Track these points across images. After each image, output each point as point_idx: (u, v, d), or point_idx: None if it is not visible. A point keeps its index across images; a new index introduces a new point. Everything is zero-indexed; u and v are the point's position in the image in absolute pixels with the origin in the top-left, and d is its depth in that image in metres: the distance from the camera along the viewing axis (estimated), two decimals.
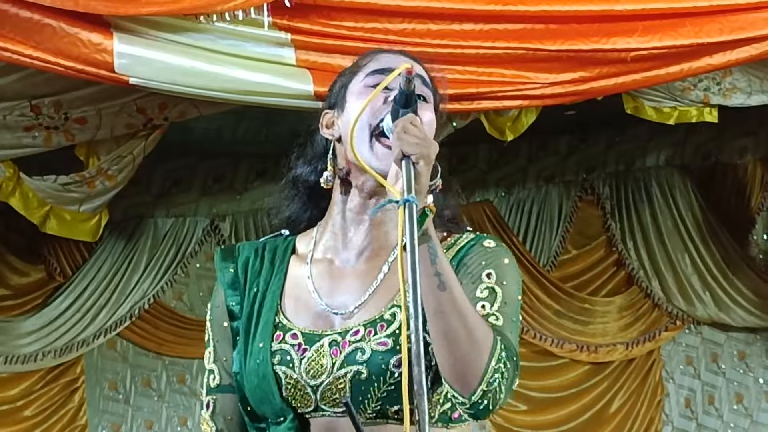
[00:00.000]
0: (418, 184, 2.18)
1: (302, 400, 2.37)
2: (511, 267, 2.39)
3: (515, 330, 2.32)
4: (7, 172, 6.24)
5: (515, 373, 2.24)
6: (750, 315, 8.14)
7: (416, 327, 2.10)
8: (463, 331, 2.20)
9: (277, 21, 4.82)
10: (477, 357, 2.19)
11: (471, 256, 2.38)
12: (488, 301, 2.31)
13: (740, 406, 8.24)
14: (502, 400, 2.22)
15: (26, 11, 4.57)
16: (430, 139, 2.25)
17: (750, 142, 8.17)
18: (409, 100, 2.27)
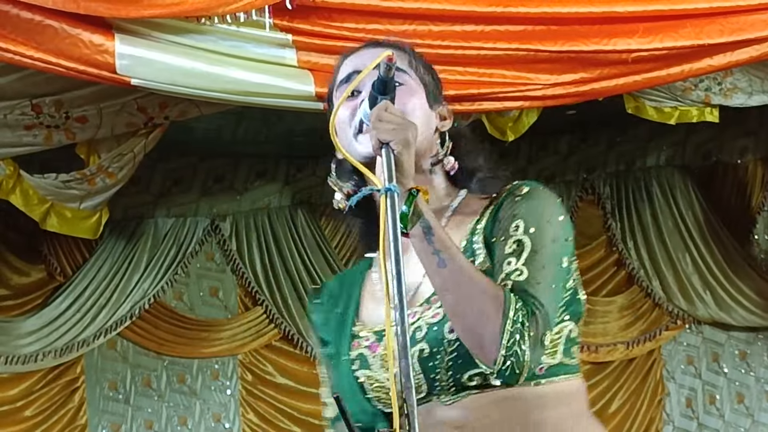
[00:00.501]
0: (400, 169, 2.19)
1: (387, 398, 2.38)
2: (542, 207, 2.33)
3: (548, 276, 2.25)
4: (8, 170, 6.24)
5: (541, 326, 2.19)
6: (751, 314, 8.15)
7: (402, 319, 2.09)
8: (468, 303, 2.19)
9: (278, 22, 4.82)
10: (487, 325, 2.18)
11: (503, 210, 2.35)
12: (515, 256, 2.26)
13: (741, 406, 8.25)
14: (530, 358, 2.18)
15: (27, 12, 4.57)
16: (408, 122, 2.25)
17: (750, 142, 8.17)
18: (387, 86, 2.27)
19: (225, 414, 7.85)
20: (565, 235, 2.32)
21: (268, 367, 7.88)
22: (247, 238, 7.86)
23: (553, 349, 2.31)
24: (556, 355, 2.32)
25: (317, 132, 7.78)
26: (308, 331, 7.82)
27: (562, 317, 2.32)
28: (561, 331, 2.32)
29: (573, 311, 2.35)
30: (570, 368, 2.34)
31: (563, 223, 2.33)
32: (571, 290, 2.34)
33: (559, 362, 2.32)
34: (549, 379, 2.30)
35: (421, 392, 2.33)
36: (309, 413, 7.83)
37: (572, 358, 2.35)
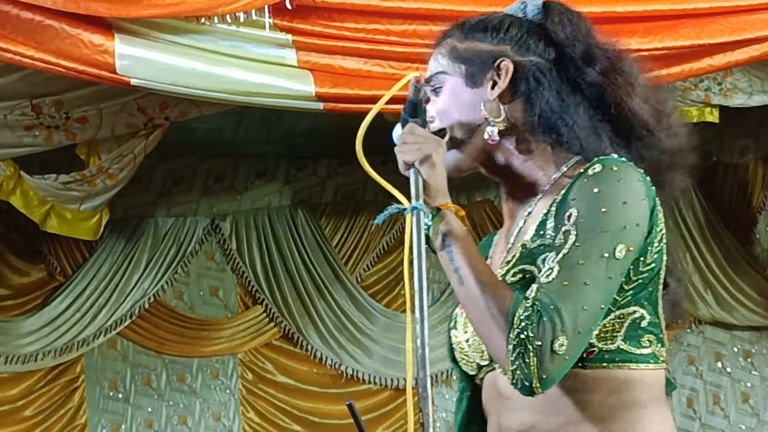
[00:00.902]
0: (426, 188, 2.23)
1: (466, 361, 2.41)
2: (603, 193, 2.20)
3: (583, 274, 2.16)
4: (8, 171, 6.24)
5: (549, 332, 2.12)
6: (753, 314, 8.14)
7: (422, 331, 2.14)
8: (482, 320, 2.19)
9: (278, 22, 4.82)
10: (496, 341, 2.17)
11: (572, 191, 2.25)
12: (557, 250, 2.19)
13: (746, 406, 8.25)
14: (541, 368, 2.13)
15: (28, 12, 4.58)
16: (432, 141, 2.27)
17: (751, 142, 8.17)
18: (417, 108, 2.30)
19: (225, 413, 7.85)
20: (625, 221, 2.19)
21: (268, 365, 7.88)
22: (247, 237, 7.86)
23: (609, 334, 2.25)
24: (614, 341, 2.25)
25: (317, 132, 7.83)
26: (308, 330, 7.83)
27: (624, 302, 2.25)
28: (623, 317, 2.25)
29: (644, 298, 2.27)
30: (633, 356, 2.26)
31: (627, 208, 2.20)
32: (643, 276, 2.25)
33: (617, 348, 2.25)
34: (598, 363, 2.25)
35: (485, 359, 2.35)
36: (309, 411, 7.83)
37: (641, 346, 2.27)
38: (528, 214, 2.36)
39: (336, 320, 7.91)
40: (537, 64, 2.35)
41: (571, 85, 2.35)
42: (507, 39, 2.39)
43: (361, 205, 7.98)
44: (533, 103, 2.34)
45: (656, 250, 2.26)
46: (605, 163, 2.23)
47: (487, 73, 2.37)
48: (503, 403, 2.32)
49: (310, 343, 7.84)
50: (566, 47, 2.37)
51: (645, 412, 2.26)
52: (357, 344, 7.91)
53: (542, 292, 2.16)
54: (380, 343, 7.94)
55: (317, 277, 7.89)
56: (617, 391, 2.25)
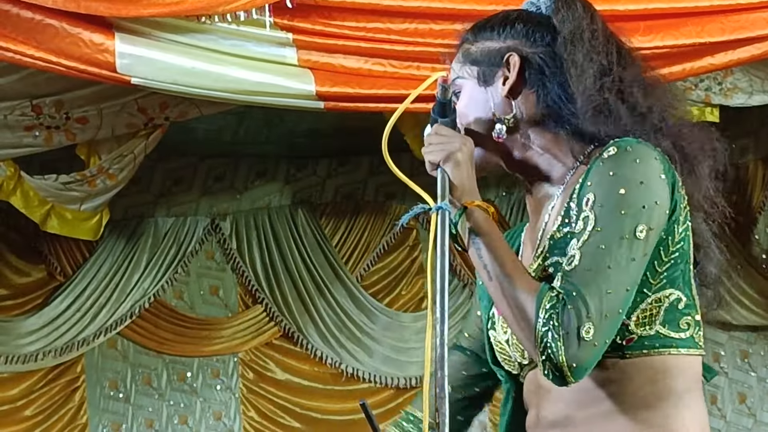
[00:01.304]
0: (452, 187, 2.25)
1: (508, 360, 2.42)
2: (620, 175, 2.20)
3: (606, 258, 2.16)
4: (8, 171, 6.24)
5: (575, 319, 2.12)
6: (752, 314, 8.14)
7: (441, 331, 2.14)
8: (512, 314, 2.20)
9: (278, 21, 4.82)
10: (526, 333, 2.18)
11: (590, 175, 2.25)
12: (578, 237, 2.20)
13: (743, 406, 8.24)
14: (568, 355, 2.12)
15: (28, 12, 4.57)
16: (456, 140, 2.29)
17: (751, 142, 8.17)
18: (445, 108, 2.33)
19: (226, 412, 7.85)
20: (643, 201, 2.18)
21: (269, 364, 7.88)
22: (247, 237, 7.86)
23: (647, 320, 2.24)
24: (653, 326, 2.24)
25: (317, 132, 7.81)
26: (308, 329, 7.83)
27: (660, 285, 2.24)
28: (661, 300, 2.24)
29: (678, 278, 2.26)
30: (673, 341, 2.25)
31: (644, 188, 2.19)
32: (674, 257, 2.25)
33: (656, 333, 2.24)
34: (637, 351, 2.24)
35: (525, 358, 2.36)
36: (310, 410, 7.84)
37: (680, 330, 2.26)
38: (552, 208, 2.36)
39: (336, 319, 7.91)
40: (543, 56, 2.36)
41: (578, 72, 2.34)
42: (513, 34, 2.40)
43: (361, 205, 7.98)
44: (541, 94, 2.36)
45: (682, 228, 2.26)
46: (620, 144, 2.24)
47: (498, 71, 2.39)
48: (542, 395, 2.33)
49: (311, 342, 7.84)
50: (573, 35, 2.37)
51: (680, 402, 2.25)
52: (357, 343, 7.91)
53: (566, 280, 2.17)
54: (381, 342, 7.94)
55: (317, 276, 7.89)
56: (654, 381, 2.24)
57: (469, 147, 2.30)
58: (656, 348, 2.25)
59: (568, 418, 2.28)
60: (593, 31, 2.38)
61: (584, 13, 2.41)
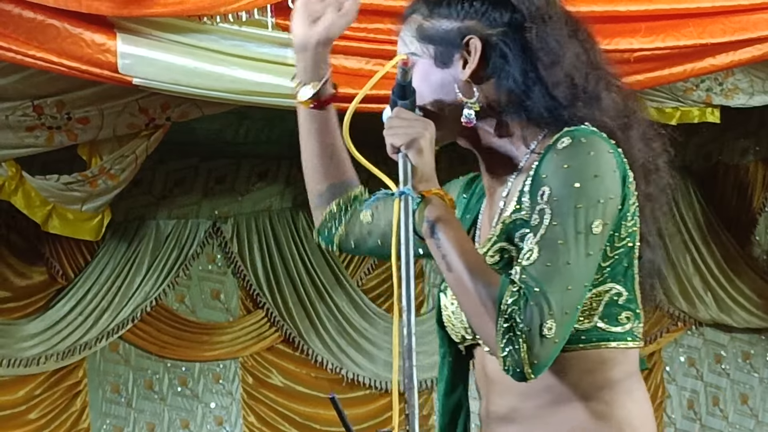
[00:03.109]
0: (414, 172, 2.21)
1: (452, 329, 2.39)
2: (574, 168, 2.18)
3: (564, 252, 2.14)
4: (10, 171, 6.25)
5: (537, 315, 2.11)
6: (752, 316, 8.15)
7: (408, 320, 2.13)
8: (470, 305, 2.18)
9: (280, 21, 4.82)
10: (486, 327, 2.16)
11: (542, 166, 2.21)
12: (534, 231, 2.17)
13: (745, 407, 8.25)
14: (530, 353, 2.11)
15: (29, 12, 4.57)
16: (419, 124, 2.25)
17: (751, 143, 8.18)
18: (405, 90, 2.28)
19: (227, 417, 7.85)
20: (598, 196, 2.16)
21: (270, 370, 7.88)
22: (248, 240, 7.86)
23: (587, 313, 2.23)
24: (592, 319, 2.24)
25: None
26: (309, 333, 7.83)
27: (601, 279, 2.23)
28: (600, 295, 2.24)
29: (620, 274, 2.25)
30: (611, 335, 2.25)
31: (598, 181, 2.17)
32: (619, 252, 2.24)
33: (593, 327, 2.24)
34: (574, 345, 2.22)
35: (470, 334, 2.33)
36: (310, 417, 7.83)
37: (618, 324, 2.25)
38: (506, 194, 2.34)
39: (337, 324, 7.91)
40: (503, 38, 2.31)
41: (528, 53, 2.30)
42: (472, 13, 2.34)
43: None
44: (503, 78, 2.31)
45: (630, 223, 2.25)
46: (574, 135, 2.21)
47: (456, 53, 2.33)
48: (490, 386, 2.33)
49: (311, 347, 7.84)
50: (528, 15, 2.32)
51: (619, 389, 2.25)
52: (358, 348, 7.91)
53: (525, 274, 2.14)
54: (381, 347, 7.94)
55: (318, 280, 7.90)
56: (592, 372, 2.24)
57: (431, 132, 2.26)
58: (593, 342, 2.25)
59: (516, 411, 2.28)
60: (556, 13, 2.34)
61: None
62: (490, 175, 2.38)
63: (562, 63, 2.29)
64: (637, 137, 2.33)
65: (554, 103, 2.28)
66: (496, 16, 2.32)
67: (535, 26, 2.30)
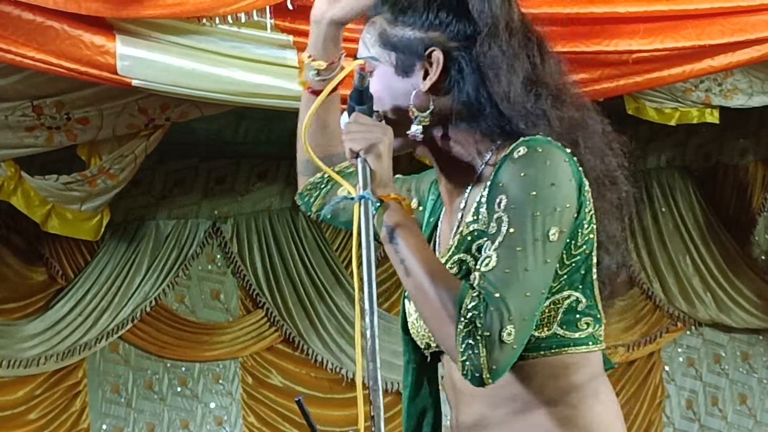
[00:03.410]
0: (373, 177, 2.22)
1: (416, 335, 2.41)
2: (531, 177, 2.19)
3: (522, 259, 2.15)
4: (9, 171, 6.25)
5: (497, 321, 2.11)
6: (751, 316, 8.15)
7: (371, 322, 2.16)
8: (429, 310, 2.19)
9: (279, 23, 4.82)
10: (444, 331, 2.16)
11: (499, 175, 2.23)
12: (491, 239, 2.18)
13: (744, 407, 8.25)
14: (489, 358, 2.12)
15: (29, 13, 4.58)
16: (377, 130, 2.25)
17: (751, 143, 8.18)
18: (363, 96, 2.29)
19: (226, 417, 7.85)
20: (555, 204, 2.18)
21: (270, 370, 7.88)
22: (248, 240, 7.86)
23: (545, 321, 2.25)
24: (551, 326, 2.25)
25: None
26: (309, 333, 7.83)
27: (558, 287, 2.25)
28: (559, 302, 2.26)
29: (578, 281, 2.27)
30: (570, 341, 2.27)
31: (555, 190, 2.19)
32: (576, 260, 2.25)
33: (552, 334, 2.25)
34: (534, 352, 2.25)
35: (434, 341, 2.34)
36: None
37: (577, 330, 2.27)
38: (463, 204, 2.35)
39: (337, 324, 7.91)
40: (463, 51, 2.31)
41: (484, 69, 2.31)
42: (436, 24, 2.34)
43: None
44: (458, 92, 2.32)
45: (587, 231, 2.26)
46: (530, 144, 2.22)
47: (418, 63, 2.33)
48: (458, 396, 2.34)
49: (311, 347, 7.84)
50: (491, 31, 2.31)
51: (585, 392, 2.27)
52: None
53: (485, 280, 2.15)
54: (380, 347, 7.89)
55: (318, 280, 7.90)
56: (555, 377, 2.26)
57: (390, 137, 2.26)
58: (553, 349, 2.26)
59: (485, 419, 2.29)
60: (511, 28, 2.33)
61: (501, 4, 2.34)
62: (447, 185, 2.40)
63: (509, 80, 2.29)
64: (588, 152, 2.32)
65: (503, 119, 2.29)
66: (460, 28, 2.33)
67: (487, 42, 2.30)
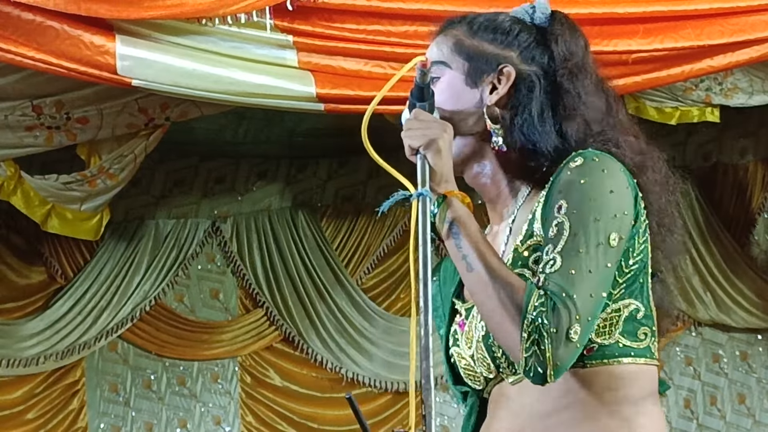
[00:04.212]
0: (431, 174, 2.23)
1: (472, 376, 2.39)
2: (589, 183, 2.22)
3: (586, 261, 2.17)
4: (9, 171, 6.25)
5: (565, 319, 2.13)
6: (751, 316, 8.14)
7: (425, 320, 2.14)
8: (492, 307, 2.19)
9: (279, 23, 4.83)
10: (509, 328, 2.17)
11: (555, 185, 2.26)
12: (553, 243, 2.20)
13: (743, 407, 8.25)
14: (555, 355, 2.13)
15: (29, 14, 4.59)
16: (437, 126, 2.26)
17: (751, 143, 8.16)
18: (424, 93, 2.30)
19: (225, 417, 7.85)
20: (614, 210, 2.21)
21: (268, 369, 7.87)
22: (247, 239, 7.85)
23: (607, 329, 2.26)
24: (613, 334, 2.26)
25: (318, 133, 7.81)
26: (308, 333, 7.83)
27: (619, 295, 2.26)
28: (620, 310, 2.27)
29: (637, 290, 2.29)
30: (630, 350, 2.27)
31: (614, 197, 2.22)
32: (634, 268, 2.28)
33: (615, 342, 2.26)
34: (598, 360, 2.25)
35: (491, 372, 2.34)
36: (308, 417, 7.82)
37: (638, 340, 2.28)
38: (513, 221, 2.36)
39: (336, 323, 7.90)
40: (536, 75, 2.36)
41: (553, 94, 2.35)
42: (515, 45, 2.39)
43: (362, 207, 7.98)
44: (519, 112, 2.34)
45: (642, 240, 2.29)
46: (586, 155, 2.25)
47: (488, 76, 2.37)
48: (502, 405, 2.33)
49: (311, 346, 7.84)
50: (564, 60, 2.37)
51: (637, 409, 2.26)
52: (357, 347, 7.91)
53: (550, 281, 2.16)
54: (381, 347, 7.94)
55: (318, 279, 7.89)
56: (612, 389, 2.25)
57: (450, 134, 2.28)
58: (615, 357, 2.26)
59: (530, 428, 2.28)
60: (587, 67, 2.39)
61: (582, 42, 2.41)
62: (492, 205, 2.41)
63: (584, 110, 2.35)
64: (653, 180, 2.37)
65: (563, 141, 2.32)
66: (535, 55, 2.38)
67: (566, 73, 2.35)
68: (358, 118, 2.39)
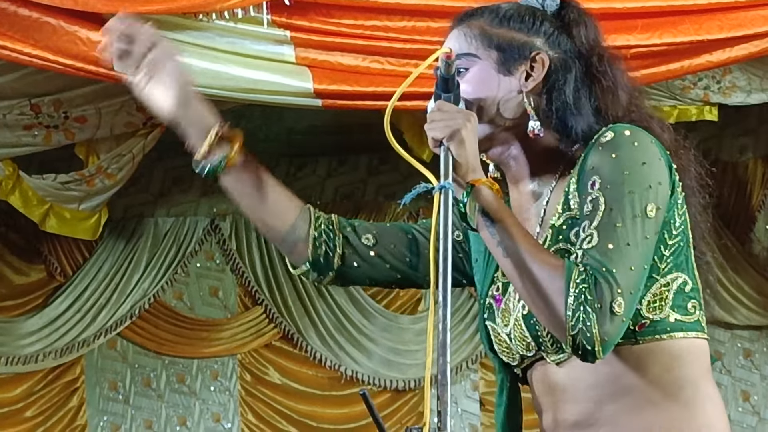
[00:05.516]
0: (456, 165, 2.22)
1: (507, 352, 2.39)
2: (622, 157, 2.24)
3: (624, 235, 2.18)
4: (7, 171, 6.25)
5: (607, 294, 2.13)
6: (753, 313, 8.13)
7: (444, 315, 2.12)
8: (533, 288, 2.18)
9: (276, 19, 4.82)
10: (552, 306, 2.16)
11: (588, 161, 2.28)
12: (589, 218, 2.21)
13: (747, 404, 8.24)
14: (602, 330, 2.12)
15: (25, 9, 4.58)
16: (461, 117, 2.25)
17: (750, 141, 8.17)
18: (448, 83, 2.29)
19: (224, 414, 7.85)
20: (648, 181, 2.23)
21: (268, 367, 7.87)
22: (246, 237, 7.85)
23: (658, 304, 2.26)
24: (663, 308, 2.27)
25: (317, 131, 7.79)
26: (307, 330, 7.83)
27: (667, 269, 2.28)
28: (668, 284, 2.28)
29: (683, 263, 2.31)
30: (682, 325, 2.28)
31: (647, 168, 2.24)
32: (677, 239, 2.29)
33: (666, 317, 2.27)
34: (650, 336, 2.26)
35: (531, 350, 2.33)
36: (307, 414, 7.82)
37: (688, 314, 2.30)
38: (546, 202, 2.37)
39: (336, 321, 7.90)
40: (566, 60, 2.39)
41: (581, 80, 2.38)
42: (541, 32, 2.41)
43: (361, 205, 7.98)
44: (554, 97, 2.37)
45: (681, 211, 2.32)
46: (616, 129, 2.28)
47: (521, 64, 2.39)
48: (558, 396, 2.32)
49: (310, 344, 7.84)
50: (591, 45, 2.41)
51: (697, 390, 2.28)
52: (356, 345, 7.91)
53: (589, 256, 2.17)
54: (380, 344, 7.94)
55: None
56: (670, 369, 2.26)
57: (474, 123, 2.26)
58: (668, 332, 2.26)
59: (592, 416, 2.27)
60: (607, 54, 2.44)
61: (598, 27, 2.45)
62: (522, 186, 2.42)
63: (619, 88, 2.39)
64: (687, 160, 2.42)
65: (599, 118, 2.35)
66: (561, 41, 2.41)
67: (596, 56, 2.39)
68: (356, 116, 2.39)
